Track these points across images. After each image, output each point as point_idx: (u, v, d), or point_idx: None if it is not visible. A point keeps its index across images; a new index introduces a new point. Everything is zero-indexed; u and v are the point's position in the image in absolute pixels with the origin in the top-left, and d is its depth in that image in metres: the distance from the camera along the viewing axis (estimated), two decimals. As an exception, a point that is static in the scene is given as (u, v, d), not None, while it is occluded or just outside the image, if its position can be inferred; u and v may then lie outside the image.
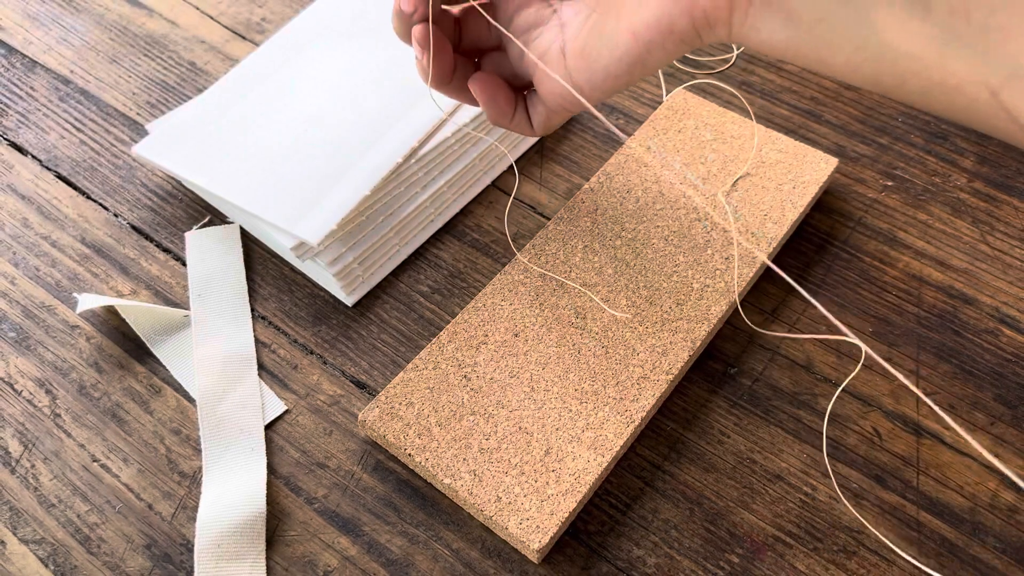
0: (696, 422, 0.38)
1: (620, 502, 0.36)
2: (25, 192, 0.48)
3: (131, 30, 0.56)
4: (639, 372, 0.38)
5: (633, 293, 0.40)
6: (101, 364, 0.41)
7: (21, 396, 0.40)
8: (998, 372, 0.39)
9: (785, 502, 0.36)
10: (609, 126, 0.43)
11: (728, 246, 0.41)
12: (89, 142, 0.50)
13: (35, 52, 0.55)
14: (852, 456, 0.37)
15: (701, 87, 0.51)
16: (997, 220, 0.44)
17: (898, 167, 0.47)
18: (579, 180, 0.47)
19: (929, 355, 0.40)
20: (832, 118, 0.49)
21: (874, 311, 0.41)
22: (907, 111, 0.49)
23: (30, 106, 0.52)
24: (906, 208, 0.45)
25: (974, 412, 0.38)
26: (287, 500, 0.37)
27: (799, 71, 0.51)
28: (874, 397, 0.39)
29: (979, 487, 0.36)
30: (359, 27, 0.50)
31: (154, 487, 0.38)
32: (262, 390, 0.40)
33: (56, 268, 0.45)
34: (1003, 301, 0.41)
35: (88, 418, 0.40)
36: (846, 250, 0.44)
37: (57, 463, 0.38)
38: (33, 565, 0.36)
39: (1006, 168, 0.46)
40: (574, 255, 0.41)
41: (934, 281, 0.42)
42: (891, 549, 0.35)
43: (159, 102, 0.52)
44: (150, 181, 0.48)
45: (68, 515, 0.37)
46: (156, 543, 0.36)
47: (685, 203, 0.43)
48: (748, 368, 0.40)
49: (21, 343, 0.42)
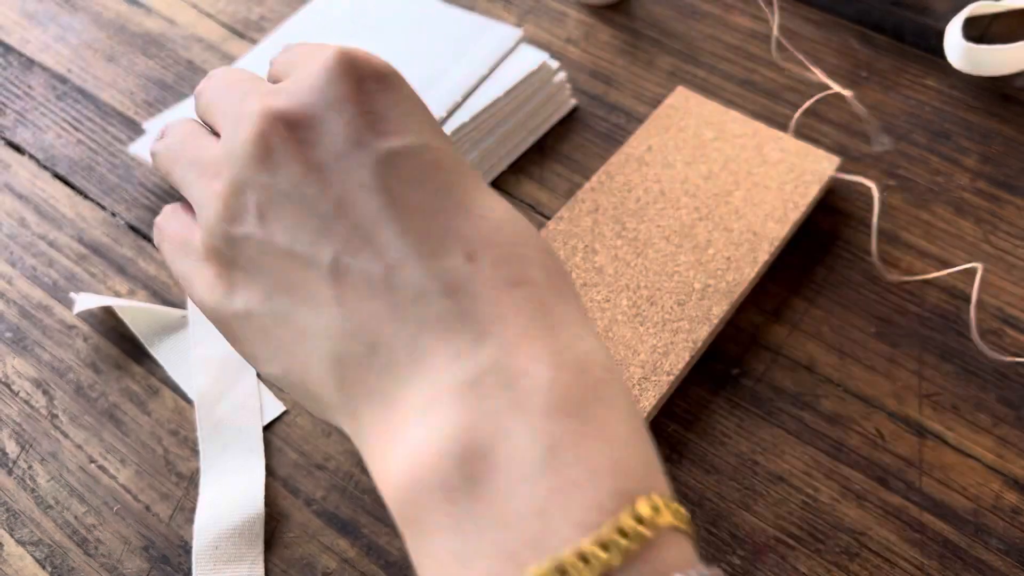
0: (697, 423, 0.38)
1: (621, 504, 0.36)
2: (22, 191, 0.48)
3: (129, 28, 0.56)
4: (640, 373, 0.37)
5: (634, 293, 0.40)
6: (98, 364, 0.41)
7: (18, 396, 0.40)
8: (1001, 373, 0.39)
9: (787, 503, 0.36)
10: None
11: (730, 246, 0.41)
12: (87, 141, 0.50)
13: (32, 51, 0.55)
14: (854, 457, 0.37)
15: (703, 86, 0.51)
16: (1000, 220, 0.44)
17: (901, 166, 0.47)
18: (580, 179, 0.47)
19: (932, 355, 0.40)
20: (834, 117, 0.49)
21: (877, 311, 0.41)
22: (910, 110, 0.49)
23: (27, 105, 0.52)
24: (909, 207, 0.45)
25: (977, 413, 0.38)
26: (285, 501, 0.37)
27: (799, 70, 0.51)
28: (876, 398, 0.39)
29: (982, 488, 0.36)
30: (358, 27, 0.49)
31: (152, 488, 0.37)
32: (260, 391, 0.40)
33: (53, 268, 0.45)
34: (1006, 301, 0.41)
35: (85, 419, 0.39)
36: (848, 250, 0.43)
37: (54, 464, 0.38)
38: (30, 567, 0.35)
39: (1009, 168, 0.46)
40: (574, 255, 0.41)
41: (937, 281, 0.42)
42: (894, 551, 0.35)
43: (157, 101, 0.52)
44: (148, 180, 0.48)
45: (65, 516, 0.37)
46: (154, 544, 0.36)
47: (687, 202, 0.43)
48: (750, 369, 0.40)
49: (18, 343, 0.42)
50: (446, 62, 0.46)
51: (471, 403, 0.21)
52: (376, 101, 0.25)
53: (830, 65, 0.51)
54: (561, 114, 0.50)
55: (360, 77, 0.25)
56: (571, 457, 0.20)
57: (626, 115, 0.50)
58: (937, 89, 0.50)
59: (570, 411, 0.21)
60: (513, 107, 0.46)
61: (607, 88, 0.51)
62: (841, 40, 0.53)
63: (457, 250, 0.23)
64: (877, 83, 0.50)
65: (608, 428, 0.21)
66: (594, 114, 0.50)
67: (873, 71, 0.51)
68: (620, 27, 0.54)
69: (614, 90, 0.51)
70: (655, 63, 0.52)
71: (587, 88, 0.51)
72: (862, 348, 0.40)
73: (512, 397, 0.21)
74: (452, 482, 0.20)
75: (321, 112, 0.24)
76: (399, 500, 0.21)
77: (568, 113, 0.50)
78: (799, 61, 0.51)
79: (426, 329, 0.22)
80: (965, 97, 0.50)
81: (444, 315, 0.22)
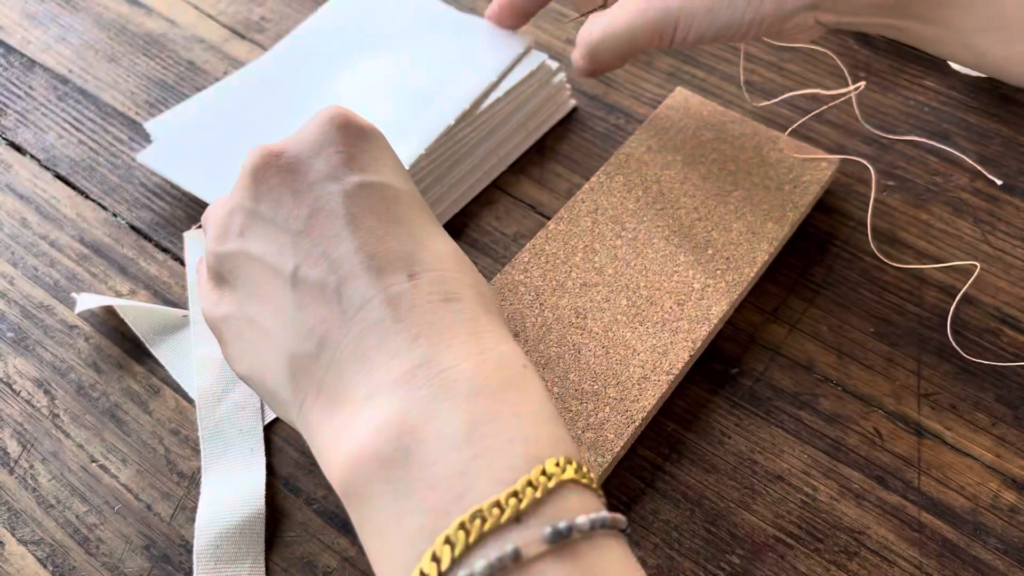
0: (697, 423, 0.38)
1: (620, 503, 0.36)
2: (23, 192, 0.48)
3: (130, 29, 0.56)
4: (639, 372, 0.37)
5: (633, 293, 0.40)
6: (100, 364, 0.41)
7: (19, 396, 0.40)
8: (1000, 372, 0.39)
9: (786, 503, 0.36)
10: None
11: (729, 246, 0.41)
12: (88, 141, 0.50)
13: (33, 51, 0.55)
14: (853, 456, 0.37)
15: (702, 86, 0.51)
16: (998, 220, 0.44)
17: (899, 167, 0.47)
18: (579, 179, 0.47)
19: (930, 355, 0.40)
20: (833, 117, 0.49)
21: (875, 311, 0.41)
22: (908, 110, 0.49)
23: (28, 105, 0.52)
24: (907, 208, 0.45)
25: (976, 413, 0.38)
26: (286, 500, 0.37)
27: (800, 71, 0.51)
28: (875, 397, 0.39)
29: (980, 488, 0.36)
30: (367, 34, 0.49)
31: (153, 488, 0.37)
32: (261, 390, 0.40)
33: (55, 268, 0.45)
34: (1005, 301, 0.41)
35: (87, 418, 0.39)
36: (847, 250, 0.43)
37: (56, 463, 0.38)
38: (32, 566, 0.36)
39: (1008, 168, 0.46)
40: (574, 255, 0.41)
41: (935, 281, 0.42)
42: (892, 550, 0.35)
43: (158, 101, 0.52)
44: (149, 181, 0.48)
45: (67, 516, 0.37)
46: (155, 544, 0.36)
47: (686, 202, 0.43)
48: (749, 368, 0.40)
49: (19, 343, 0.42)
50: (455, 69, 0.46)
51: (405, 392, 0.25)
52: (354, 146, 0.30)
53: (829, 66, 0.51)
54: (561, 115, 0.50)
55: (344, 127, 0.30)
56: (488, 430, 0.24)
57: (625, 116, 0.50)
58: (936, 90, 0.50)
59: (489, 395, 0.25)
60: (513, 107, 0.46)
61: (606, 89, 0.51)
62: (840, 40, 0.53)
63: (401, 270, 0.27)
64: (876, 83, 0.50)
65: (522, 407, 0.25)
66: (593, 114, 0.50)
67: (872, 72, 0.51)
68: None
69: (613, 91, 0.51)
70: (654, 64, 0.52)
71: (587, 89, 0.51)
72: (861, 348, 0.40)
73: (440, 384, 0.25)
74: (387, 454, 0.24)
75: (307, 151, 0.29)
76: (344, 478, 0.25)
77: (568, 114, 0.50)
78: (798, 61, 0.51)
79: (368, 332, 0.26)
80: (964, 97, 0.50)
81: (384, 320, 0.26)
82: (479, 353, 0.26)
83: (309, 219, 0.28)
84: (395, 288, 0.27)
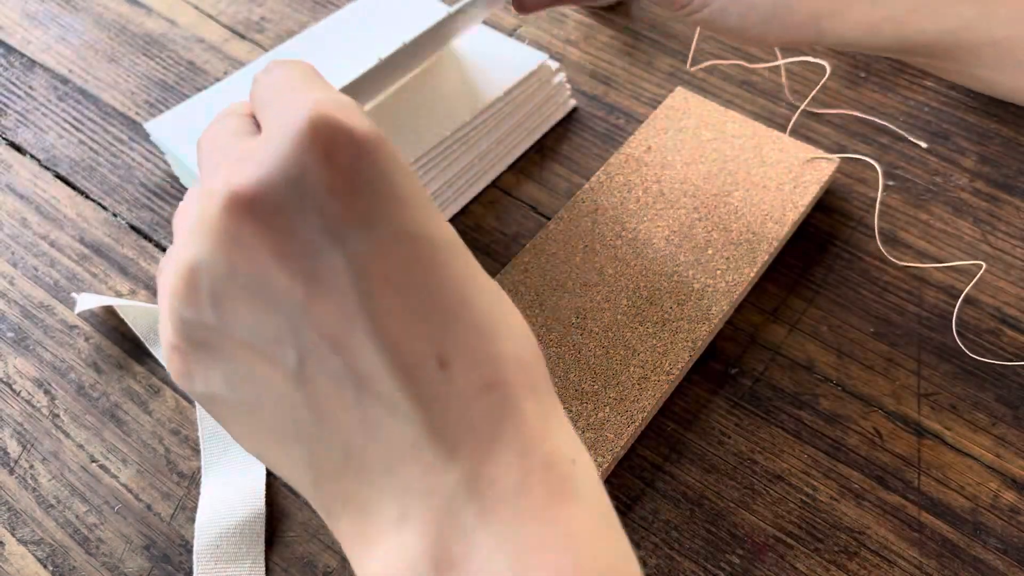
0: (697, 423, 0.38)
1: (620, 503, 0.36)
2: (24, 192, 0.48)
3: (130, 29, 0.56)
4: (639, 372, 0.37)
5: (633, 293, 0.40)
6: (100, 364, 0.41)
7: (20, 396, 0.40)
8: (999, 373, 0.39)
9: (786, 503, 0.36)
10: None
11: (729, 246, 0.41)
12: (88, 141, 0.50)
13: (34, 51, 0.55)
14: (853, 456, 0.37)
15: (702, 86, 0.51)
16: (998, 220, 0.44)
17: (899, 167, 0.47)
18: (579, 180, 0.47)
19: (930, 355, 0.40)
20: (833, 117, 0.49)
21: (875, 311, 0.41)
22: (908, 110, 0.49)
23: (29, 105, 0.52)
24: (907, 208, 0.45)
25: (975, 412, 0.38)
26: (286, 500, 0.37)
27: (800, 70, 0.51)
28: (875, 397, 0.39)
29: (980, 488, 0.36)
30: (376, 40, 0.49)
31: (153, 487, 0.37)
32: (261, 390, 0.40)
33: (55, 268, 0.45)
34: (1004, 301, 0.41)
35: (87, 418, 0.39)
36: (847, 250, 0.43)
37: (56, 463, 0.38)
38: (32, 566, 0.36)
39: (1007, 168, 0.46)
40: (574, 255, 0.41)
41: (935, 281, 0.42)
42: (892, 550, 0.35)
43: (158, 101, 0.52)
44: (149, 180, 0.48)
45: (67, 516, 0.37)
46: (155, 544, 0.36)
47: (686, 202, 0.43)
48: (749, 368, 0.40)
49: (20, 343, 0.42)
50: (464, 79, 0.46)
51: (441, 517, 0.22)
52: (350, 178, 0.22)
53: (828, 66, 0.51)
54: (561, 115, 0.50)
55: (334, 148, 0.22)
56: (536, 561, 0.21)
57: (625, 116, 0.50)
58: (936, 90, 0.50)
59: (536, 514, 0.22)
60: (513, 108, 0.46)
61: (606, 89, 0.51)
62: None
63: (430, 357, 0.23)
64: (876, 83, 0.50)
65: (573, 525, 0.22)
66: (593, 115, 0.50)
67: (872, 71, 0.51)
68: (619, 28, 0.54)
69: (613, 91, 0.51)
70: (654, 64, 0.52)
71: (586, 89, 0.51)
72: (860, 348, 0.40)
73: (480, 510, 0.22)
74: None
75: (289, 193, 0.22)
76: None
77: (568, 114, 0.50)
78: (797, 62, 0.51)
79: (398, 446, 0.22)
80: (963, 97, 0.50)
81: (416, 432, 0.22)
82: (523, 456, 0.22)
83: (307, 297, 0.22)
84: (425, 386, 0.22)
